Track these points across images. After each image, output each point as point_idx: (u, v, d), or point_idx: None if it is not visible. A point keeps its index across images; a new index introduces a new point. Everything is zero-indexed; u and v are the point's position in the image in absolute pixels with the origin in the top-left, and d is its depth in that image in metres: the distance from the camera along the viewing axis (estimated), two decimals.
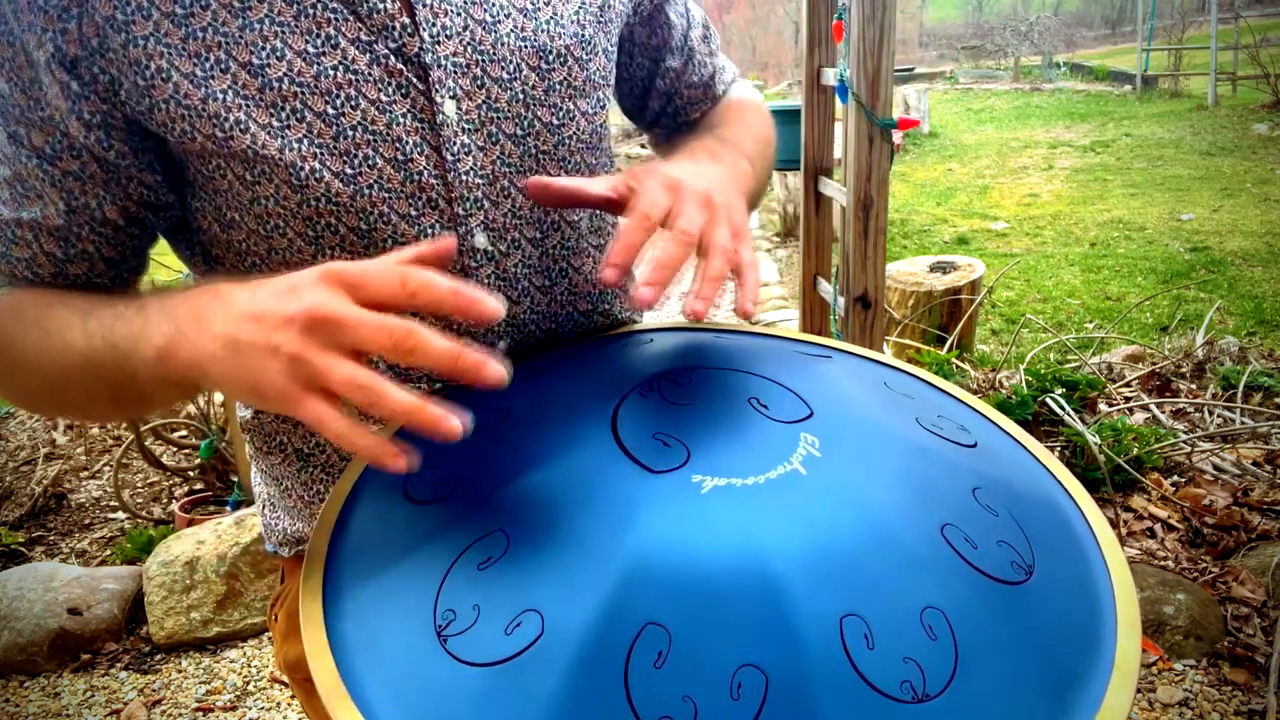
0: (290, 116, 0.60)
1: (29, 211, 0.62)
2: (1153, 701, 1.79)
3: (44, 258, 0.64)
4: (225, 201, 0.64)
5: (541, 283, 0.73)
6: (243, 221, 0.64)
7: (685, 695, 0.42)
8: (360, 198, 0.63)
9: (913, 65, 16.97)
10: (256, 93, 0.59)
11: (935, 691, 0.43)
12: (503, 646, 0.44)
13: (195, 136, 0.60)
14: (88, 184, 0.62)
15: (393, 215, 0.64)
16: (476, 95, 0.65)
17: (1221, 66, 10.63)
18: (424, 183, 0.64)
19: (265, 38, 0.59)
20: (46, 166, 0.61)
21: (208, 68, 0.59)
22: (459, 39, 0.64)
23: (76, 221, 0.63)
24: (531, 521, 0.50)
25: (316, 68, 0.60)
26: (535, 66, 0.67)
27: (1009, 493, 0.56)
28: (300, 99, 0.60)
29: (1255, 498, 2.27)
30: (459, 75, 0.64)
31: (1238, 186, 6.98)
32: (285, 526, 0.79)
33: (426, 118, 0.63)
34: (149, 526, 2.68)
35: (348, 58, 0.61)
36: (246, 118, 0.59)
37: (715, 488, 0.50)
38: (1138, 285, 5.01)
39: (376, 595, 0.50)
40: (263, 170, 0.61)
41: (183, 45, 0.58)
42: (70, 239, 0.64)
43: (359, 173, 0.62)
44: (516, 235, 0.70)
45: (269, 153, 0.60)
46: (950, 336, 3.35)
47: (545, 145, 0.69)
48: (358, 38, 0.61)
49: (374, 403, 0.46)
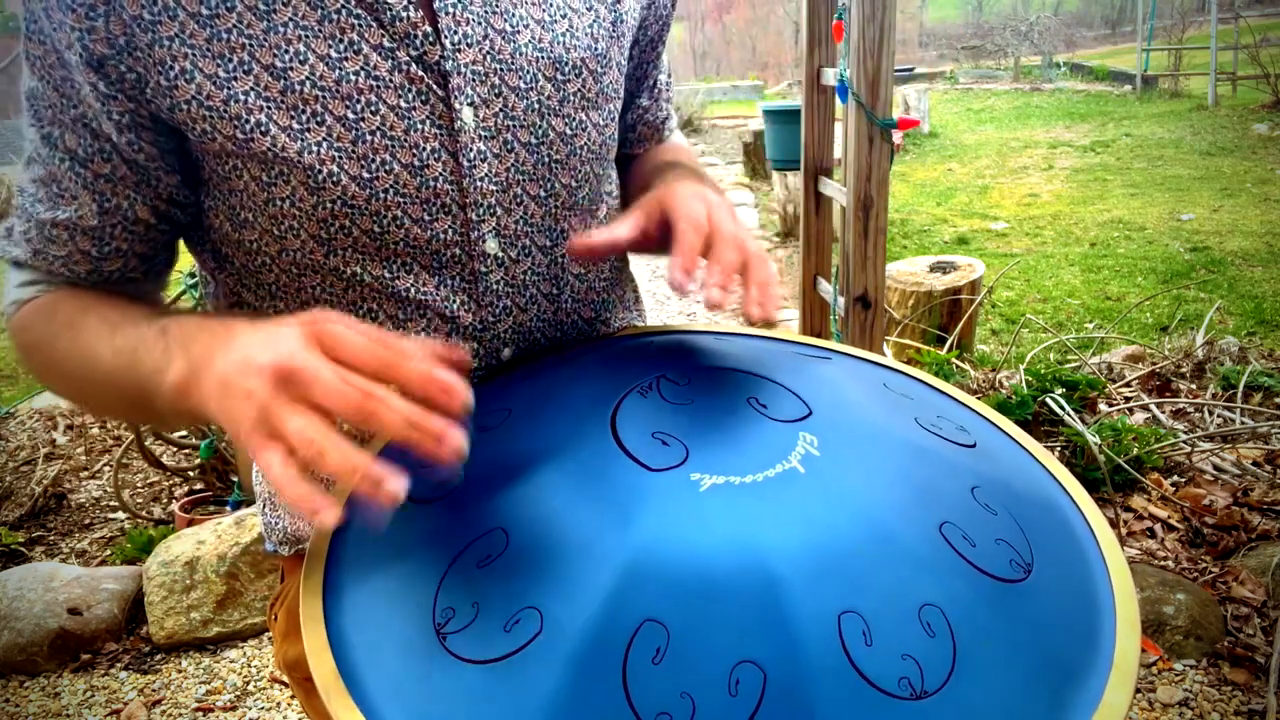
0: (310, 119, 0.61)
1: (64, 211, 0.64)
2: (1153, 701, 1.79)
3: (80, 255, 0.66)
4: (240, 201, 0.64)
5: (549, 290, 0.74)
6: (256, 221, 0.65)
7: (683, 692, 0.42)
8: (375, 201, 0.64)
9: (913, 65, 16.98)
10: (278, 95, 0.60)
11: (933, 688, 0.43)
12: (502, 644, 0.45)
13: (215, 137, 0.61)
14: (119, 186, 0.64)
15: (406, 219, 0.65)
16: (494, 103, 0.66)
17: (1221, 66, 10.63)
18: (439, 188, 0.65)
19: (289, 41, 0.60)
20: (79, 169, 0.63)
21: (231, 69, 0.59)
22: (478, 48, 0.64)
23: (109, 222, 0.65)
24: (531, 519, 0.50)
25: (338, 72, 0.61)
26: (551, 77, 0.68)
27: (1008, 492, 0.56)
28: (321, 102, 0.61)
29: (1255, 498, 2.27)
30: (477, 83, 0.65)
31: (1238, 186, 6.98)
32: (285, 525, 0.79)
33: (445, 124, 0.64)
34: (149, 526, 2.68)
35: (370, 63, 0.61)
36: (267, 120, 0.60)
37: (714, 486, 0.50)
38: (1138, 285, 5.01)
39: (376, 593, 0.50)
40: (280, 172, 0.62)
41: (207, 46, 0.59)
42: (104, 238, 0.65)
43: (375, 176, 0.63)
44: (527, 242, 0.71)
45: (288, 154, 0.61)
46: (950, 336, 3.35)
47: (558, 154, 0.71)
48: (380, 44, 0.61)
49: (315, 460, 0.46)
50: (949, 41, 20.37)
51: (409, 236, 0.66)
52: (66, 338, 0.63)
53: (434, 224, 0.66)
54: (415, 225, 0.66)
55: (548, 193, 0.71)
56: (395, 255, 0.66)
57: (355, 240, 0.65)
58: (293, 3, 0.60)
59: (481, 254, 0.68)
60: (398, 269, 0.67)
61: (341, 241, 0.65)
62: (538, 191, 0.70)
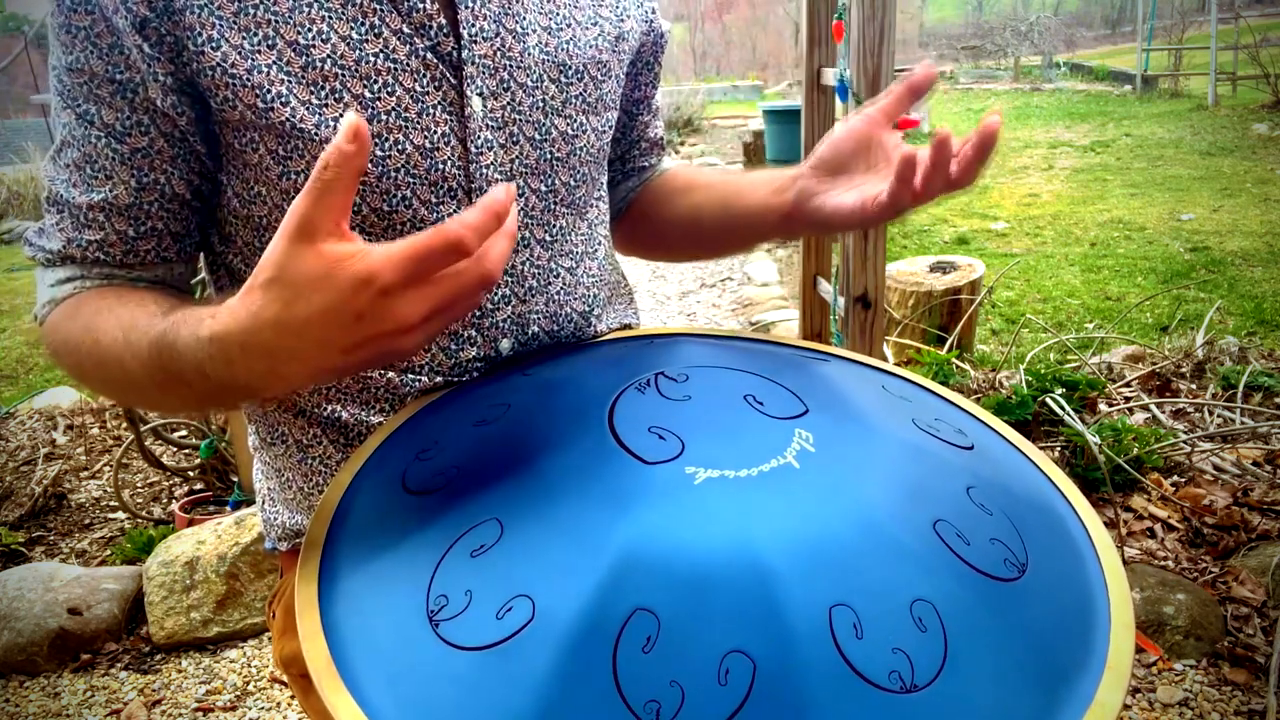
0: (329, 96, 0.63)
1: (99, 192, 0.65)
2: (1153, 701, 1.79)
3: (115, 237, 0.67)
4: (254, 175, 0.66)
5: (547, 282, 0.76)
6: (268, 196, 0.67)
7: (673, 680, 0.42)
8: (385, 179, 0.66)
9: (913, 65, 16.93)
10: (300, 70, 0.63)
11: (924, 682, 0.43)
12: (493, 631, 0.45)
13: (237, 105, 0.62)
14: (155, 159, 0.65)
15: (415, 200, 0.67)
16: (502, 96, 0.69)
17: (1221, 66, 10.63)
18: (447, 172, 0.68)
19: (313, 20, 0.63)
20: (116, 144, 0.64)
21: (256, 42, 0.62)
22: (490, 43, 0.68)
23: (146, 199, 0.66)
24: (525, 510, 0.50)
25: (359, 53, 0.64)
26: (555, 79, 0.72)
27: (1004, 493, 0.56)
28: (340, 80, 0.63)
29: (1255, 498, 2.27)
30: (488, 75, 0.68)
31: (1238, 186, 6.98)
32: (284, 520, 0.80)
33: (456, 110, 0.67)
34: (149, 526, 2.68)
35: (389, 47, 0.64)
36: (288, 92, 0.62)
37: (708, 479, 0.50)
38: (1138, 285, 5.01)
39: (370, 581, 0.50)
40: (295, 145, 0.64)
41: (234, 19, 0.61)
42: (140, 216, 0.67)
43: (388, 155, 0.65)
44: (527, 235, 0.74)
45: (305, 127, 0.63)
46: (950, 336, 3.35)
47: (560, 152, 0.74)
48: (400, 30, 0.65)
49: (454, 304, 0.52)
50: (949, 41, 20.37)
51: (416, 217, 0.68)
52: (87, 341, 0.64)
53: (440, 206, 0.68)
54: (423, 206, 0.68)
55: (548, 188, 0.74)
56: (401, 236, 0.67)
57: (364, 219, 0.67)
58: None
59: None
60: None
61: (350, 219, 0.66)
62: (539, 185, 0.73)
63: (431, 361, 0.72)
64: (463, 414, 0.64)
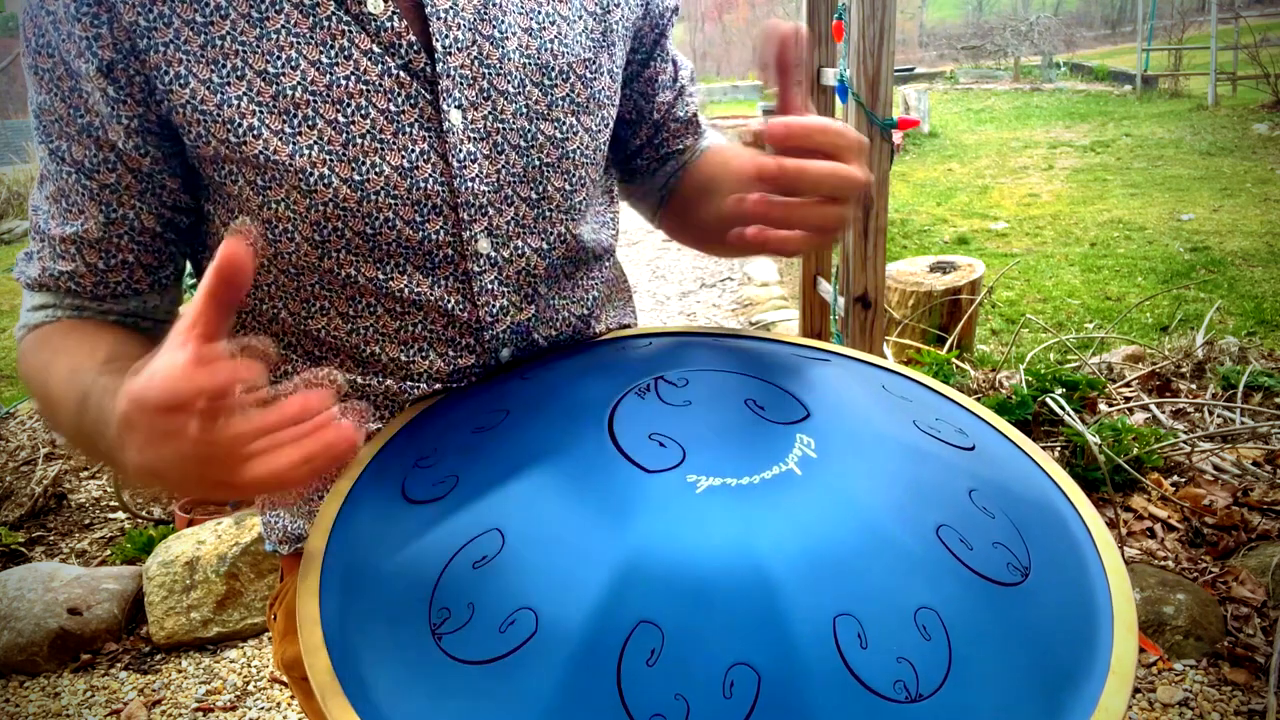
0: (302, 123, 0.62)
1: (72, 226, 0.66)
2: (1153, 701, 1.79)
3: (85, 269, 0.67)
4: (236, 206, 0.65)
5: (543, 290, 0.75)
6: (251, 224, 0.66)
7: (678, 693, 0.42)
8: (367, 203, 0.65)
9: (913, 65, 16.97)
10: (270, 100, 0.61)
11: (929, 691, 0.43)
12: (496, 644, 0.45)
13: (210, 140, 0.62)
14: (124, 195, 0.65)
15: (398, 220, 0.66)
16: (482, 106, 0.67)
17: (1221, 66, 10.62)
18: (429, 189, 0.66)
19: (281, 47, 0.61)
20: (85, 180, 0.64)
21: (225, 74, 0.61)
22: (466, 53, 0.66)
23: (115, 232, 0.66)
24: (527, 520, 0.50)
25: (329, 77, 0.62)
26: (539, 83, 0.70)
27: (1006, 495, 0.56)
28: (312, 106, 0.62)
29: (1255, 498, 2.27)
30: (466, 86, 0.66)
31: (1238, 186, 6.97)
32: (285, 524, 0.79)
33: (433, 126, 0.65)
34: (149, 526, 2.68)
35: (360, 68, 0.63)
36: (260, 124, 0.61)
37: (710, 488, 0.50)
38: (1138, 285, 5.01)
39: (372, 593, 0.50)
40: (273, 176, 0.63)
41: (201, 52, 0.60)
42: (110, 249, 0.67)
43: (366, 179, 0.64)
44: (520, 243, 0.72)
45: (280, 158, 0.62)
46: (950, 336, 3.35)
47: (549, 157, 0.72)
48: (370, 50, 0.63)
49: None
50: (949, 41, 20.35)
51: (401, 237, 0.67)
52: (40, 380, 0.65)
53: (425, 224, 0.67)
54: (407, 226, 0.66)
55: (540, 195, 0.72)
56: (388, 256, 0.67)
57: (348, 242, 0.66)
58: (285, 10, 0.61)
59: (474, 254, 0.69)
60: (391, 269, 0.68)
61: (335, 243, 0.66)
62: (529, 193, 0.71)
63: (430, 369, 0.72)
64: (461, 420, 0.64)
